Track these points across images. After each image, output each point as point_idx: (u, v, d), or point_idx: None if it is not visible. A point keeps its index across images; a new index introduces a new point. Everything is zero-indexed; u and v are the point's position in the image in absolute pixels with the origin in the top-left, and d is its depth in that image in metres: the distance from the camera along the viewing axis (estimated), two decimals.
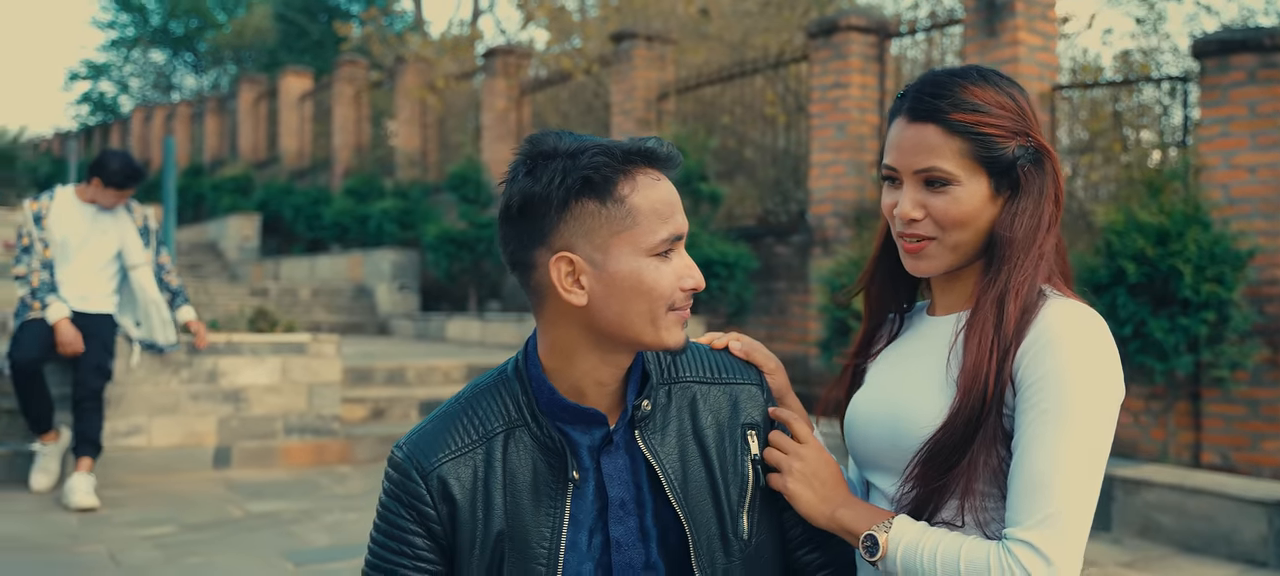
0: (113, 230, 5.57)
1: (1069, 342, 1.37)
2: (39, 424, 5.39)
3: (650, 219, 1.40)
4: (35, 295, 5.34)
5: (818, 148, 8.48)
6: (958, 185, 1.44)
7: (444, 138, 15.17)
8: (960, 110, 1.43)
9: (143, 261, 5.60)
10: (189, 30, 33.87)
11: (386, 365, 7.57)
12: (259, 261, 15.04)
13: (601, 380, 1.46)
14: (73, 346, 5.28)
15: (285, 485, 5.77)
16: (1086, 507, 1.34)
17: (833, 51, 8.35)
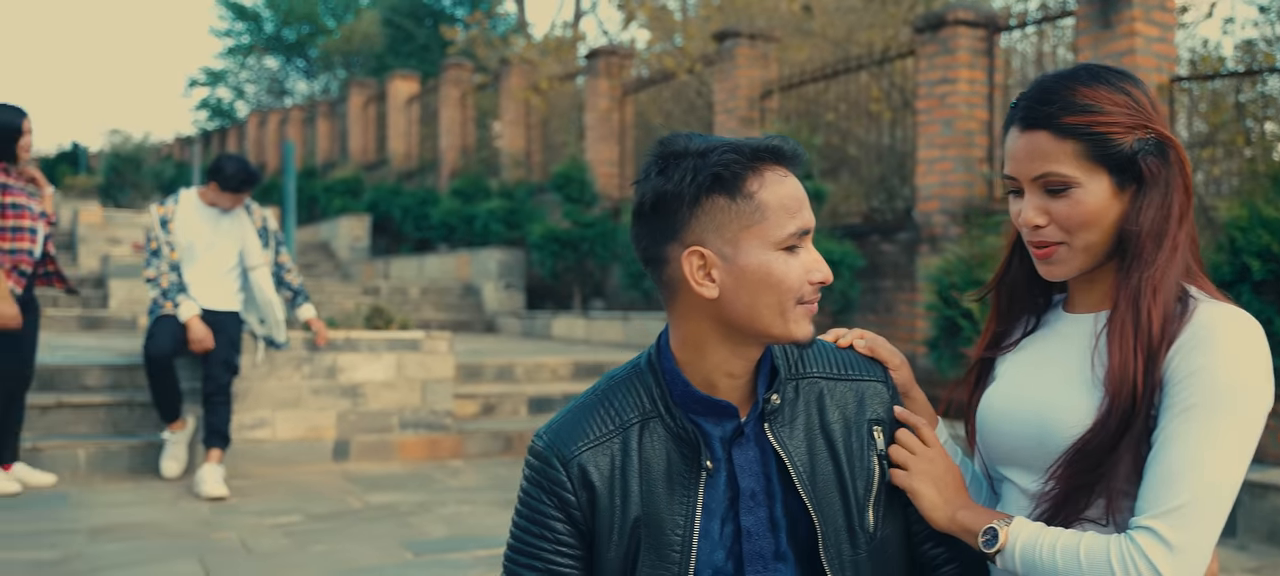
0: (234, 232, 5.81)
1: (1223, 341, 1.36)
2: (168, 413, 5.66)
3: (778, 214, 1.44)
4: (166, 295, 5.60)
5: (924, 144, 8.39)
6: (1077, 187, 1.44)
7: (547, 138, 15.38)
8: (1071, 112, 1.43)
9: (261, 263, 5.84)
10: (300, 37, 34.89)
11: (496, 362, 7.72)
12: (369, 261, 15.45)
13: (732, 372, 1.50)
14: (203, 343, 5.53)
15: (401, 478, 5.94)
16: (1220, 503, 1.34)
17: (940, 46, 8.24)
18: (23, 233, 5.17)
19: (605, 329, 10.00)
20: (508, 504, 5.32)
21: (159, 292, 5.62)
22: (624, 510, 1.50)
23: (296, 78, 36.42)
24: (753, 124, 10.42)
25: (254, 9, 35.04)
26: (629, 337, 9.56)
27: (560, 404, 7.35)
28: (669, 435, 1.52)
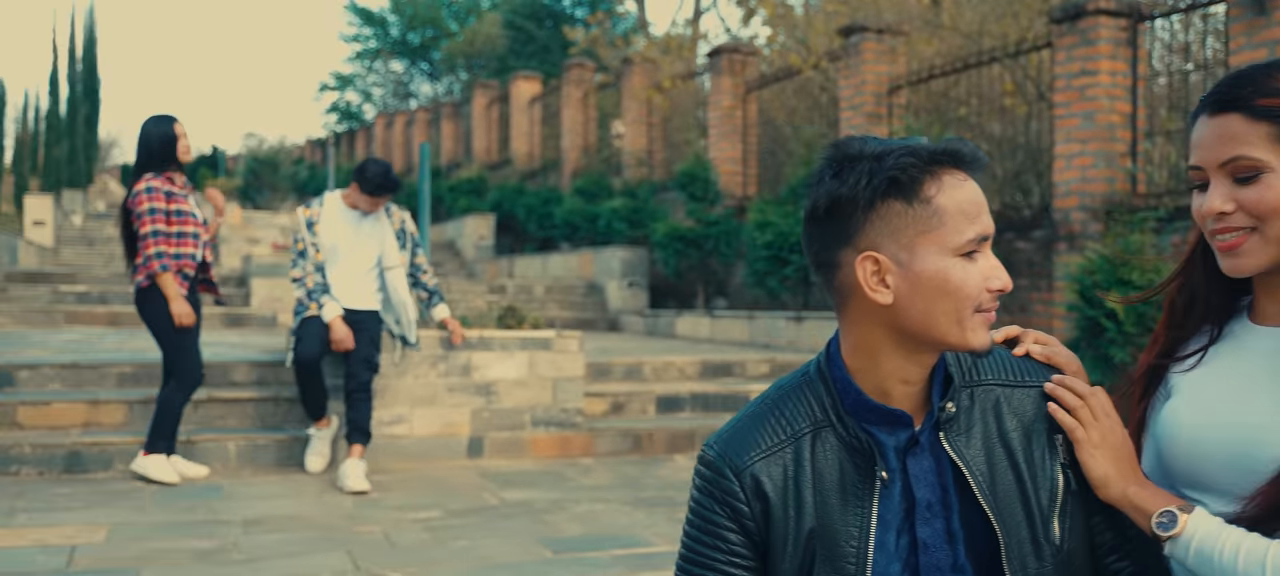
0: (375, 234, 5.97)
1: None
2: (315, 411, 5.85)
3: (956, 219, 1.40)
4: (311, 296, 5.79)
5: (1062, 138, 8.13)
6: (1270, 172, 1.36)
7: (669, 137, 15.40)
8: (1266, 94, 1.35)
9: (397, 264, 5.99)
10: (424, 40, 35.69)
11: (623, 361, 7.77)
12: (494, 260, 15.72)
13: (907, 380, 1.47)
14: (344, 343, 5.70)
15: (534, 475, 6.02)
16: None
17: (1079, 37, 7.97)
18: (186, 238, 5.49)
19: (730, 327, 9.97)
20: (639, 504, 5.34)
21: (304, 293, 5.81)
22: (798, 521, 1.48)
23: (421, 80, 37.30)
24: (880, 120, 10.25)
25: (381, 14, 35.99)
26: (754, 337, 9.51)
27: (688, 403, 7.36)
28: (842, 445, 1.50)
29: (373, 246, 5.97)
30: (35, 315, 9.93)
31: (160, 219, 5.39)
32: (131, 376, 6.49)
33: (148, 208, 5.35)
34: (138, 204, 5.36)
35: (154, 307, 5.43)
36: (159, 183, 5.41)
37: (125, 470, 5.69)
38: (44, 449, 5.61)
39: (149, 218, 5.34)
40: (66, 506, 4.95)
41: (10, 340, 8.12)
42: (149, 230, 5.35)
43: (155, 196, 5.37)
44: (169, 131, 5.47)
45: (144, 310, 5.50)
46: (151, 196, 5.36)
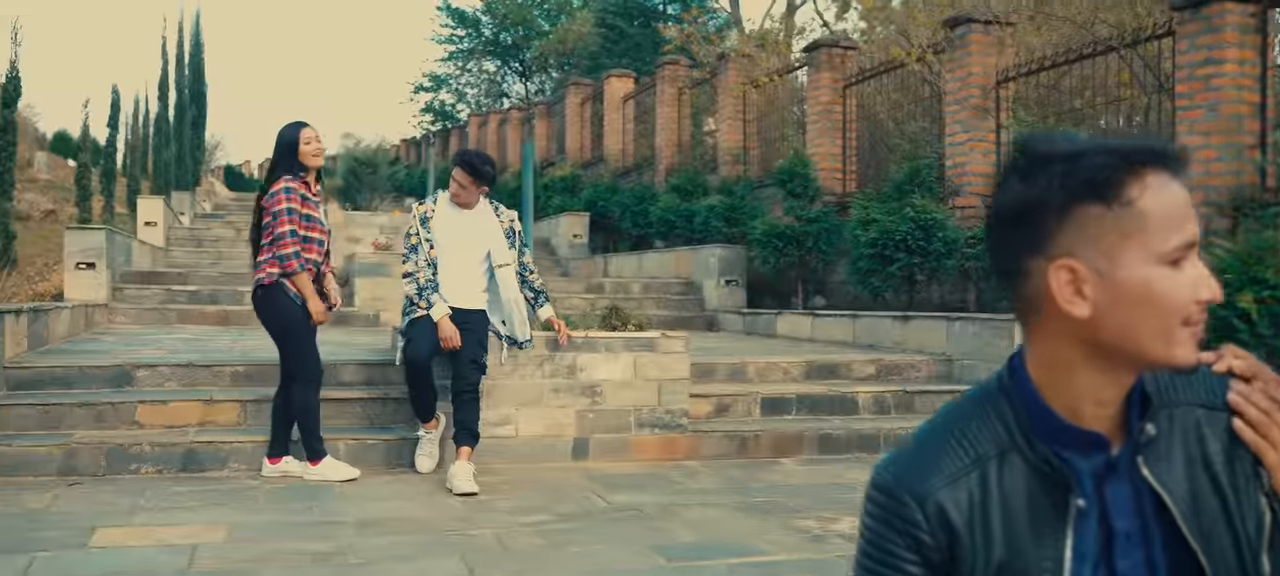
0: (484, 232, 5.96)
1: None
2: (425, 412, 5.87)
3: (1162, 223, 1.27)
4: (421, 294, 5.80)
5: (1185, 130, 7.78)
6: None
7: (764, 133, 15.24)
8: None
9: (508, 261, 5.96)
10: (516, 40, 35.97)
11: (727, 361, 7.67)
12: (588, 258, 15.73)
13: (1102, 400, 1.34)
14: (452, 342, 5.70)
15: (640, 478, 5.95)
16: None
17: (1203, 24, 7.63)
18: (312, 244, 5.60)
19: (832, 327, 9.79)
20: (749, 509, 5.24)
21: (415, 289, 5.82)
22: (987, 553, 1.36)
23: (513, 79, 37.62)
24: (987, 114, 9.97)
25: (474, 15, 36.38)
26: (857, 337, 9.32)
27: (794, 405, 7.22)
28: (1030, 470, 1.37)
29: (482, 244, 5.96)
30: (149, 314, 10.21)
31: (297, 220, 5.48)
32: (244, 376, 6.59)
33: (285, 207, 5.44)
34: (275, 203, 5.46)
35: (273, 306, 5.53)
36: (295, 185, 5.51)
37: (239, 468, 5.78)
38: (162, 448, 5.72)
39: (286, 217, 5.44)
40: (185, 505, 5.04)
41: (128, 339, 8.34)
42: (286, 229, 5.45)
43: (292, 197, 5.47)
44: (294, 135, 5.58)
45: (263, 308, 5.58)
46: (289, 197, 5.46)
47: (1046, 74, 9.75)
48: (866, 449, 6.91)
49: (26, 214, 21.41)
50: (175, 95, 24.97)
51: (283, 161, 5.56)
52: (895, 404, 7.47)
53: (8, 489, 5.28)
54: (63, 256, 9.96)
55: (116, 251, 10.53)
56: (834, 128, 12.69)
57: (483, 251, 5.94)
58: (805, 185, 11.48)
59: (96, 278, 9.81)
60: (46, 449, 5.58)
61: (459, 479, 5.43)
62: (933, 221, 9.18)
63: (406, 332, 5.81)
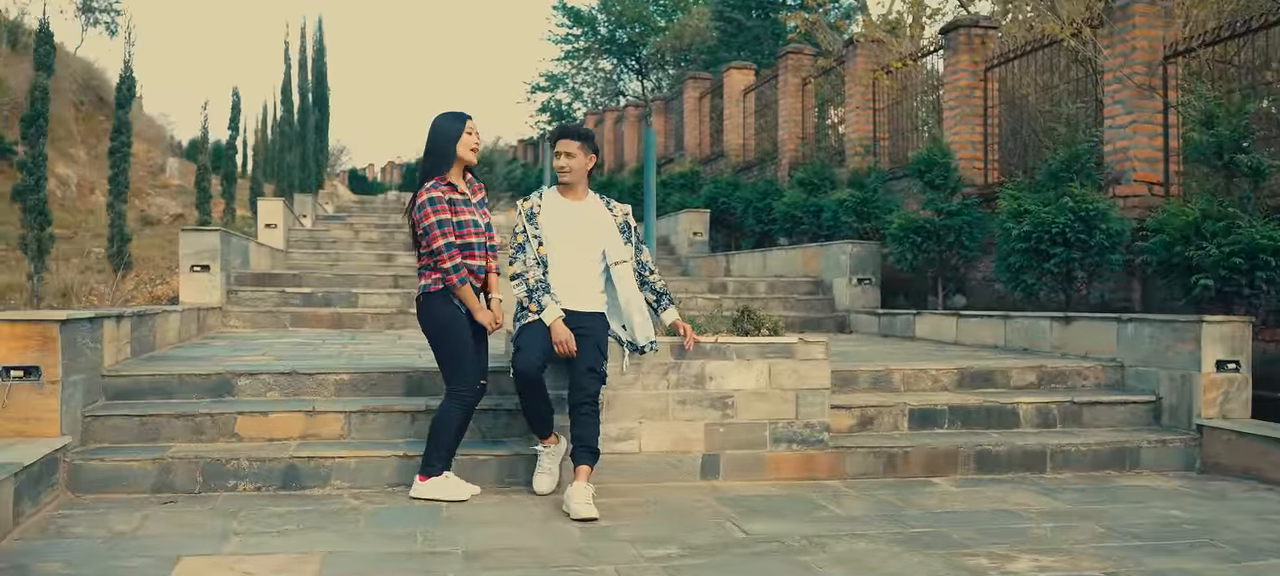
0: (597, 227, 5.42)
1: None
2: (540, 427, 5.34)
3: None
4: (531, 296, 5.27)
5: None
6: None
7: (895, 122, 14.39)
8: None
9: (624, 258, 5.40)
10: (632, 37, 35.57)
11: (870, 369, 6.96)
12: (709, 256, 15.11)
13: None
14: (567, 346, 5.16)
15: (777, 502, 5.31)
16: None
17: None
18: (472, 250, 5.23)
19: (979, 329, 8.95)
20: (908, 541, 4.55)
21: (525, 291, 5.30)
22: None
23: (629, 77, 37.23)
24: (1153, 93, 9.01)
25: (590, 13, 36.11)
26: (1009, 340, 8.47)
27: (946, 417, 6.48)
28: None
29: (595, 240, 5.41)
30: (263, 316, 9.97)
31: (450, 230, 5.10)
32: (349, 385, 6.17)
33: (435, 221, 5.06)
34: (423, 217, 5.07)
35: (430, 311, 5.20)
36: (439, 192, 5.12)
37: (341, 486, 5.34)
38: (260, 463, 5.32)
39: (438, 231, 5.07)
40: (280, 529, 4.59)
41: (237, 344, 8.05)
42: (440, 245, 5.08)
43: (439, 207, 5.08)
44: (456, 131, 5.17)
45: (422, 313, 5.25)
46: (436, 209, 5.08)
47: (1226, 45, 8.74)
48: (1031, 467, 6.14)
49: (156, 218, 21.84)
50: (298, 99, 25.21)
51: (432, 158, 5.16)
52: (1061, 416, 6.66)
53: (98, 506, 4.93)
54: (179, 258, 9.79)
55: (232, 253, 10.34)
56: (974, 114, 11.81)
57: (597, 248, 5.43)
58: (945, 176, 10.64)
59: (210, 280, 9.61)
60: (141, 463, 5.22)
61: (577, 502, 4.88)
62: (1095, 212, 8.28)
63: (516, 340, 5.30)
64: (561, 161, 5.36)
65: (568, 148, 5.35)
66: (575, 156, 5.35)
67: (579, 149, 5.36)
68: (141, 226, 19.52)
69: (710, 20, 28.97)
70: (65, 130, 21.66)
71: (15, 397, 5.07)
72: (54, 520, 4.67)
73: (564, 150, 5.35)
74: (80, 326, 5.44)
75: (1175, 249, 7.37)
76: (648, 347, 5.54)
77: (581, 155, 5.37)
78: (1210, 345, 6.44)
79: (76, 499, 5.07)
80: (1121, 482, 5.97)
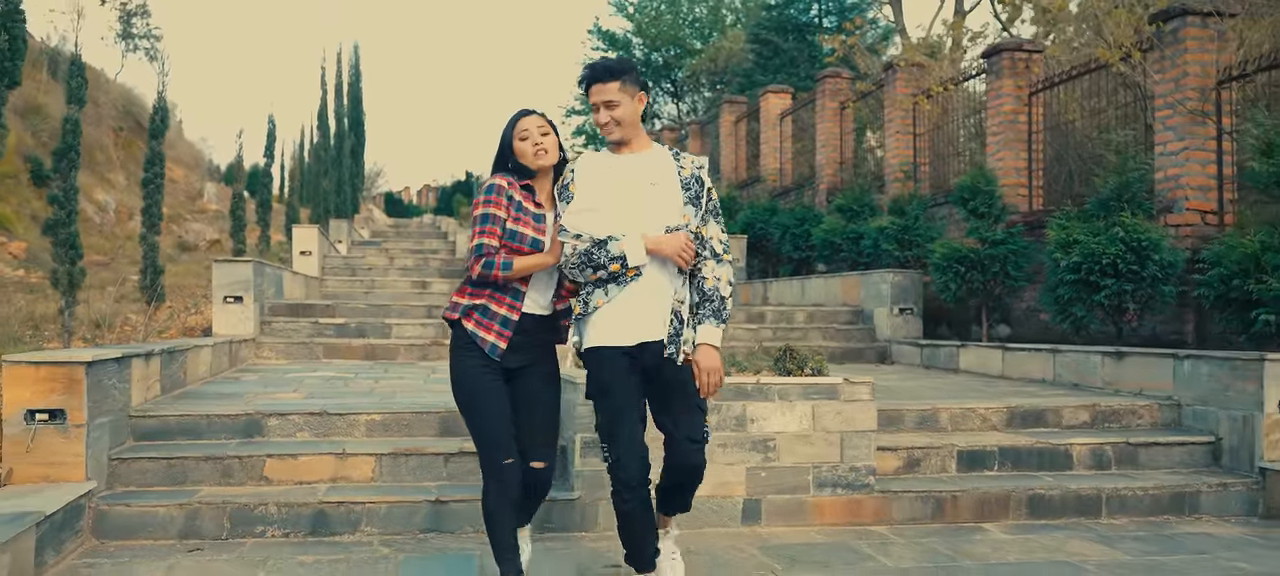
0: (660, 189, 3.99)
1: None
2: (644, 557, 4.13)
3: None
4: (588, 262, 4.85)
5: None
6: None
7: (935, 147, 14.14)
8: None
9: (679, 224, 5.02)
10: (667, 60, 35.51)
11: (916, 408, 6.72)
12: (746, 283, 14.89)
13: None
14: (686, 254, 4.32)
15: (824, 550, 5.10)
16: None
17: None
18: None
19: (1026, 362, 8.68)
20: None
21: (577, 262, 4.95)
22: None
23: (664, 100, 37.15)
24: (1206, 119, 8.73)
25: (625, 36, 36.09)
26: (1058, 374, 8.19)
27: (996, 458, 6.24)
28: None
29: (659, 210, 4.10)
30: (296, 348, 9.88)
31: (493, 229, 3.88)
32: (381, 425, 6.03)
33: (480, 213, 3.91)
34: (473, 208, 3.96)
35: (451, 360, 4.20)
36: (503, 182, 3.95)
37: (371, 532, 5.18)
38: (289, 509, 5.17)
39: (479, 227, 3.93)
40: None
41: (268, 379, 7.94)
42: (477, 242, 3.93)
43: (495, 199, 3.90)
44: (507, 130, 4.00)
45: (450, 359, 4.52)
46: (491, 199, 3.90)
47: (1276, 72, 8.47)
48: (1086, 513, 5.88)
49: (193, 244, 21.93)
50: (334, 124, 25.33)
51: (496, 163, 4.05)
52: (1116, 458, 6.39)
53: (122, 554, 4.80)
54: (212, 289, 9.72)
55: (266, 283, 10.26)
56: (1018, 139, 11.55)
57: (661, 223, 3.84)
58: (990, 203, 10.39)
59: (243, 311, 9.53)
60: (167, 509, 5.09)
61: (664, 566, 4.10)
62: (1148, 242, 8.02)
63: (593, 383, 3.87)
64: (602, 117, 3.87)
65: (605, 93, 3.84)
66: (619, 103, 3.83)
67: (619, 90, 3.83)
68: (179, 252, 19.59)
69: (746, 43, 28.85)
70: (104, 156, 21.84)
71: (40, 442, 4.97)
72: (77, 570, 4.55)
73: (601, 99, 3.85)
74: (107, 367, 5.34)
75: (1234, 282, 7.10)
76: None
77: (626, 98, 3.85)
78: (1273, 384, 6.16)
79: (101, 546, 4.95)
80: (1182, 530, 5.70)
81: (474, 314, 3.88)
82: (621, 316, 3.77)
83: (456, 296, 3.94)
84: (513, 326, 3.89)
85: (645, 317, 3.78)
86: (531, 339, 3.96)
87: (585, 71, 3.86)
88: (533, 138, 3.92)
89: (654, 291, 3.78)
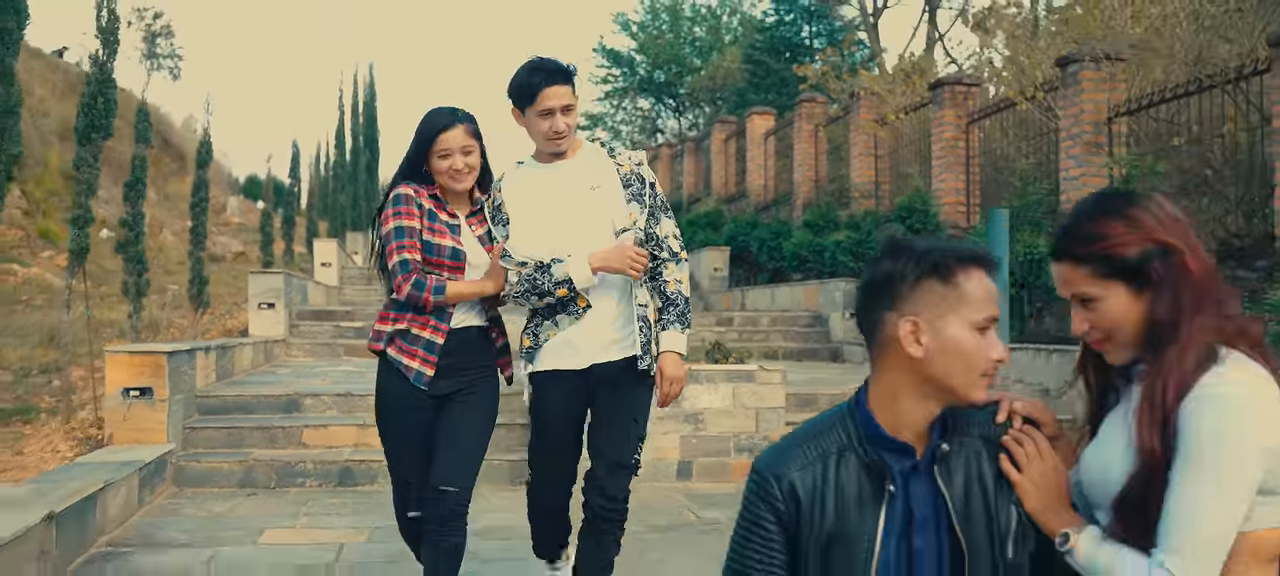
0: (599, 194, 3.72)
1: (1209, 406, 1.69)
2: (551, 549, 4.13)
3: (977, 302, 1.87)
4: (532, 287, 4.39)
5: None
6: (1099, 299, 1.82)
7: (895, 168, 15.62)
8: (1082, 243, 1.82)
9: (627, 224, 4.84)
10: (669, 77, 37.01)
11: (830, 392, 8.21)
12: (727, 291, 16.39)
13: (916, 422, 1.93)
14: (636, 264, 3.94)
15: (733, 498, 6.55)
16: (1211, 542, 1.69)
17: None
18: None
19: None
20: None
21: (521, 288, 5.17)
22: (821, 521, 1.93)
23: (667, 115, 38.66)
24: (1099, 149, 10.20)
25: (629, 55, 37.61)
26: None
27: None
28: (859, 465, 1.94)
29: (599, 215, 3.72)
30: (320, 348, 11.41)
31: (410, 242, 3.49)
32: None
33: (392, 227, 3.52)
34: (382, 223, 3.59)
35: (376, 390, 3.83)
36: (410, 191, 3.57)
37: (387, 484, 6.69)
38: (322, 465, 6.69)
39: (395, 242, 3.50)
40: (338, 513, 5.95)
41: (300, 372, 9.48)
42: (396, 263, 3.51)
43: (404, 210, 3.52)
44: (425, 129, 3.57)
45: None
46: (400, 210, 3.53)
47: (1160, 108, 9.92)
48: None
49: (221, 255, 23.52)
50: (351, 141, 26.93)
51: (404, 169, 3.60)
52: None
53: (198, 496, 6.33)
54: (248, 297, 11.26)
55: (293, 292, 11.80)
56: (958, 162, 13.03)
57: (604, 227, 3.54)
58: (925, 220, 11.87)
59: (275, 316, 11.07)
60: (229, 465, 6.62)
61: None
62: (1040, 255, 9.49)
63: (534, 405, 3.63)
64: (557, 124, 3.48)
65: (563, 97, 3.47)
66: (573, 107, 3.51)
67: (572, 94, 3.50)
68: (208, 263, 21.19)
69: (741, 62, 30.35)
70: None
71: (133, 413, 6.49)
72: (166, 505, 6.08)
73: (559, 104, 3.46)
74: (181, 357, 6.87)
75: None
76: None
77: (575, 102, 3.52)
78: None
79: (180, 491, 6.48)
80: None
81: (397, 340, 3.50)
82: (574, 342, 3.53)
83: (379, 324, 3.56)
84: (438, 350, 3.49)
85: (599, 341, 3.53)
86: (460, 361, 3.56)
87: (537, 72, 3.45)
88: (454, 159, 3.49)
89: (609, 317, 3.52)
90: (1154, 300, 1.79)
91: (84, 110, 7.69)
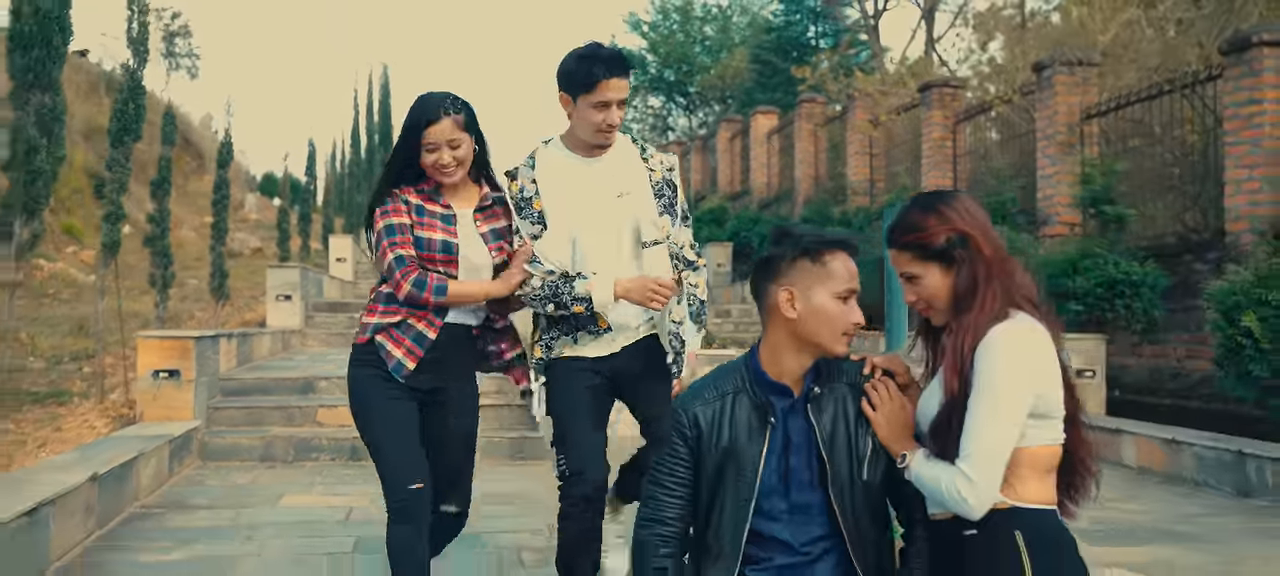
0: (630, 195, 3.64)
1: (991, 350, 2.26)
2: None
3: (840, 277, 2.45)
4: (555, 296, 4.30)
5: (1232, 164, 8.47)
6: (920, 277, 2.39)
7: (889, 166, 16.15)
8: (904, 233, 2.39)
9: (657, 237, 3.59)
10: (679, 76, 37.53)
11: None
12: (729, 285, 16.96)
13: (793, 370, 2.51)
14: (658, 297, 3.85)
15: None
16: (996, 455, 2.25)
17: (1245, 68, 8.32)
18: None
19: None
20: None
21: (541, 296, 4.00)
22: (717, 444, 2.52)
23: (677, 113, 39.18)
24: (1072, 149, 10.73)
25: (640, 54, 38.16)
26: None
27: None
28: (750, 403, 2.53)
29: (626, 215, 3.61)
30: (334, 338, 12.04)
31: (402, 239, 3.35)
32: None
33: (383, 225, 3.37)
34: (374, 222, 3.43)
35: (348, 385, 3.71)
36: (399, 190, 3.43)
37: None
38: (335, 442, 7.30)
39: (386, 241, 3.36)
40: (349, 482, 6.57)
41: (315, 359, 10.10)
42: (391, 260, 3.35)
43: (392, 209, 3.37)
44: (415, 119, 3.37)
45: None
46: (387, 210, 3.39)
47: (1130, 109, 10.45)
48: None
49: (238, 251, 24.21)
50: (366, 141, 27.58)
51: (390, 171, 3.41)
52: None
53: (223, 469, 6.95)
54: (266, 289, 11.90)
55: (309, 285, 12.43)
56: (945, 161, 13.56)
57: (628, 228, 3.48)
58: None
59: (292, 307, 11.70)
60: (250, 440, 7.24)
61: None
62: (1016, 248, 10.04)
63: (552, 383, 3.51)
64: (613, 116, 3.37)
65: (622, 89, 3.34)
66: (625, 102, 3.41)
67: (629, 87, 3.40)
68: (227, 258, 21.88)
69: (748, 61, 30.87)
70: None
71: (163, 392, 7.12)
72: (193, 476, 6.70)
73: (617, 97, 3.34)
74: (206, 342, 7.50)
75: (1060, 280, 9.11)
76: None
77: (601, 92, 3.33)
78: (1073, 359, 8.17)
79: (206, 465, 7.10)
80: None
81: (391, 331, 3.32)
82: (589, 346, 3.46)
83: (367, 316, 3.39)
84: (426, 344, 3.33)
85: (617, 342, 3.48)
86: (444, 358, 3.38)
87: (599, 62, 3.31)
88: (441, 153, 3.31)
89: (629, 334, 3.48)
90: (957, 276, 2.36)
91: (116, 115, 8.33)
